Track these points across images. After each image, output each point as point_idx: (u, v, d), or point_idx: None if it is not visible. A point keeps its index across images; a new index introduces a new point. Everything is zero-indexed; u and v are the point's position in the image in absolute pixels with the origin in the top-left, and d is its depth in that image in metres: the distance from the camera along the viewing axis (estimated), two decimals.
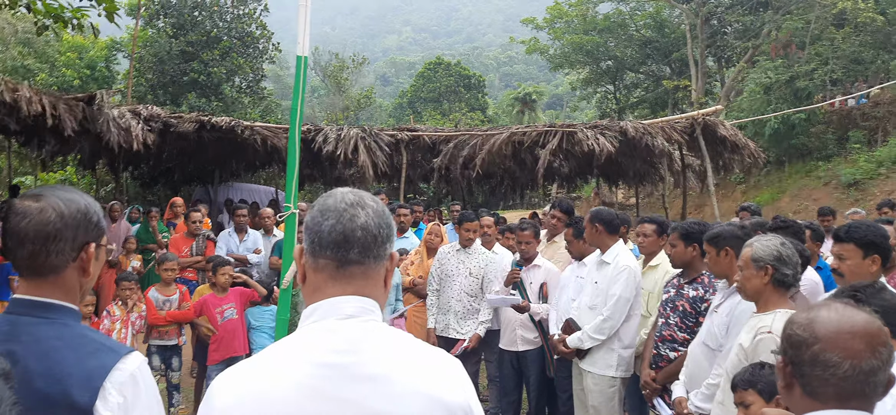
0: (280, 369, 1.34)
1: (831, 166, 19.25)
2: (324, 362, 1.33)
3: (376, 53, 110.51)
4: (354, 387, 1.32)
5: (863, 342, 1.52)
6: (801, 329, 1.61)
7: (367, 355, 1.35)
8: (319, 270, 1.43)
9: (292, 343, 1.39)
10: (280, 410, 1.31)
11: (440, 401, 1.36)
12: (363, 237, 1.41)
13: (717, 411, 3.23)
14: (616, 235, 4.85)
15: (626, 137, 11.25)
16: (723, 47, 30.01)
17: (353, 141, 11.56)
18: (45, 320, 1.56)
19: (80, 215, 1.61)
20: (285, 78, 55.32)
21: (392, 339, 1.41)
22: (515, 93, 54.43)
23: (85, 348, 1.53)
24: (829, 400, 1.54)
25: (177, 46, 21.88)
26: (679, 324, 4.20)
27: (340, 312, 1.39)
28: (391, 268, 1.50)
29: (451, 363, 1.45)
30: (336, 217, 1.41)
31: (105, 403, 1.47)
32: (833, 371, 1.52)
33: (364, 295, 1.42)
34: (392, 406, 1.33)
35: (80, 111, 9.94)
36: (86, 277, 1.65)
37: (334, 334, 1.37)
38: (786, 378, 1.64)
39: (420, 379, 1.37)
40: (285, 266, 3.92)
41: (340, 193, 1.46)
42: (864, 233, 3.17)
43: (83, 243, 1.62)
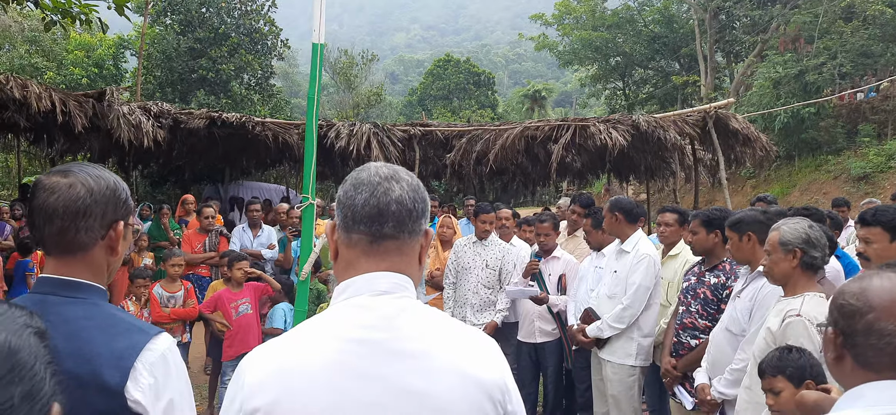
0: (314, 346, 1.31)
1: (841, 160, 19.16)
2: (358, 339, 1.31)
3: (385, 51, 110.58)
4: (389, 363, 1.30)
5: None
6: (854, 298, 1.56)
7: (401, 332, 1.32)
8: (353, 246, 1.39)
9: (326, 320, 1.36)
10: (314, 387, 1.27)
11: (476, 378, 1.33)
12: (398, 211, 1.37)
13: (743, 396, 3.19)
14: (635, 225, 4.83)
15: (638, 131, 11.20)
16: (731, 42, 29.89)
17: (365, 136, 11.53)
18: (73, 299, 1.52)
19: (109, 192, 1.57)
20: (294, 75, 55.41)
21: (427, 316, 1.38)
22: (525, 90, 54.46)
23: (115, 328, 1.50)
24: (884, 370, 1.50)
25: (185, 43, 21.91)
26: (700, 311, 4.18)
27: (374, 288, 1.36)
28: (426, 244, 1.46)
29: (487, 342, 1.42)
30: (370, 191, 1.37)
31: (136, 383, 1.45)
32: (889, 340, 1.48)
33: (398, 271, 1.39)
34: (427, 383, 1.29)
35: (90, 108, 9.94)
36: (114, 255, 1.61)
37: (368, 310, 1.33)
38: (836, 350, 1.59)
39: (455, 356, 1.33)
40: (304, 257, 3.91)
41: (374, 166, 1.42)
42: (892, 216, 3.14)
43: (112, 221, 1.58)
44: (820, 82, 19.90)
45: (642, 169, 14.18)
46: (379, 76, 60.02)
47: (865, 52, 20.06)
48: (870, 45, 19.96)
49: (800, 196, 18.91)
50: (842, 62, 19.72)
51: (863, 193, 16.36)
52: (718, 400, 3.71)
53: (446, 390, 1.30)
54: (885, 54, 19.96)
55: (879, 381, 1.49)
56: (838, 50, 19.99)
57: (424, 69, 57.78)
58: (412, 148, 12.32)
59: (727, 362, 3.66)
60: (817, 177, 19.50)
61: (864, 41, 19.97)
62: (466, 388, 1.31)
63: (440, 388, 1.30)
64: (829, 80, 19.87)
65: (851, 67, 20.09)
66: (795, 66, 20.26)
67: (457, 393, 1.30)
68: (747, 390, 3.13)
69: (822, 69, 19.80)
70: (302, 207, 4.16)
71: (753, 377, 3.00)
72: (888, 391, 1.48)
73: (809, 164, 20.43)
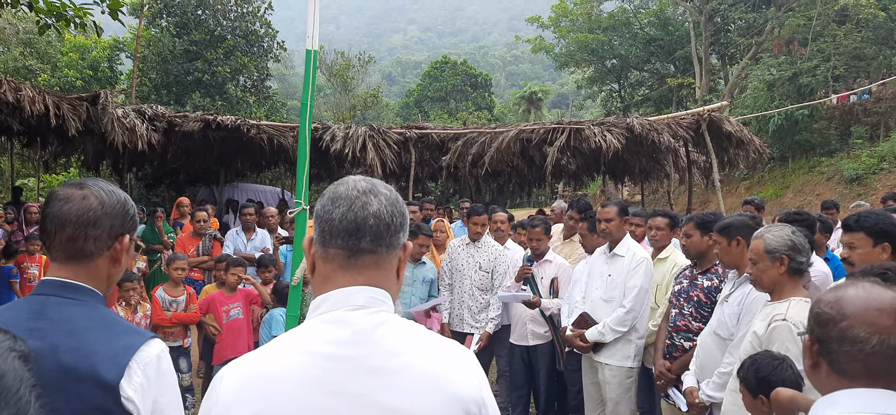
0: (287, 362, 1.30)
1: (834, 162, 19.24)
2: (332, 355, 1.29)
3: (382, 53, 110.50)
4: (364, 380, 1.28)
5: (891, 318, 1.50)
6: (829, 307, 1.60)
7: (377, 347, 1.31)
8: (329, 260, 1.38)
9: (300, 335, 1.34)
10: (287, 403, 1.26)
11: (453, 394, 1.31)
12: (375, 225, 1.36)
13: (729, 399, 3.23)
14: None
15: (632, 133, 11.25)
16: (726, 44, 29.99)
17: (361, 139, 11.55)
18: (75, 300, 1.61)
19: (119, 206, 1.69)
20: (290, 77, 55.35)
21: (403, 330, 1.36)
22: (521, 92, 54.48)
23: (113, 329, 1.59)
24: (857, 377, 1.53)
25: (180, 46, 21.88)
26: (694, 314, 4.22)
27: (350, 302, 1.35)
28: (405, 258, 1.45)
29: (464, 355, 1.40)
30: (347, 205, 1.36)
31: (130, 381, 1.52)
32: (861, 347, 1.51)
33: (376, 285, 1.37)
34: (403, 400, 1.28)
35: (84, 111, 9.92)
36: (116, 266, 1.71)
37: (344, 325, 1.32)
38: (812, 357, 1.63)
39: (432, 371, 1.32)
40: (295, 262, 3.93)
41: (352, 180, 1.41)
42: (875, 221, 3.15)
43: (119, 234, 1.69)
44: (813, 85, 19.98)
45: (637, 171, 14.24)
46: (376, 78, 60.05)
47: (858, 55, 20.15)
48: (863, 47, 20.05)
49: (793, 198, 18.98)
50: (835, 65, 19.81)
51: (855, 194, 16.43)
52: (707, 403, 3.75)
53: (422, 406, 1.29)
54: (877, 57, 20.05)
55: (853, 388, 1.52)
56: (832, 52, 20.08)
57: (421, 71, 57.83)
58: (408, 150, 12.34)
59: (715, 365, 3.69)
60: (810, 178, 19.58)
61: (857, 44, 20.06)
62: (443, 403, 1.30)
63: (416, 404, 1.28)
64: (823, 83, 19.94)
65: (845, 70, 20.18)
66: (789, 68, 20.34)
67: (433, 409, 1.29)
68: (733, 392, 3.16)
69: (815, 72, 19.88)
70: (295, 213, 4.18)
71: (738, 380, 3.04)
72: (861, 399, 1.50)
73: (803, 165, 20.51)
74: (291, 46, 30.70)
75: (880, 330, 1.49)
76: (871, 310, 1.52)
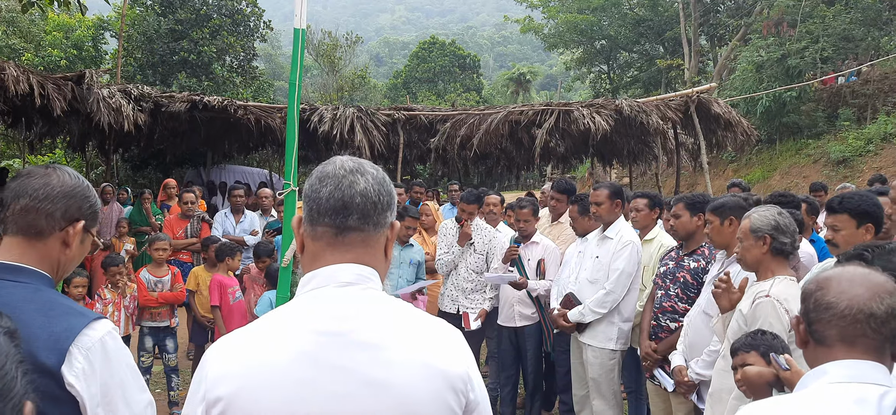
0: (276, 337, 1.32)
1: (821, 144, 19.34)
2: (321, 330, 1.31)
3: (369, 33, 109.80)
4: (352, 355, 1.30)
5: (862, 287, 1.60)
6: (811, 283, 1.71)
7: (365, 323, 1.33)
8: (318, 238, 1.41)
9: (289, 311, 1.37)
10: (276, 377, 1.28)
11: (439, 370, 1.34)
12: (362, 204, 1.39)
13: (718, 377, 3.27)
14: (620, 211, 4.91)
15: (621, 115, 11.26)
16: (715, 26, 30.00)
17: (349, 121, 11.48)
18: (14, 282, 1.57)
19: (79, 192, 1.68)
20: (277, 57, 54.91)
21: (391, 308, 1.39)
22: (510, 73, 54.36)
23: (53, 311, 1.54)
24: (834, 344, 1.62)
25: (165, 25, 21.62)
26: (680, 295, 4.25)
27: (338, 279, 1.37)
28: (392, 237, 1.47)
29: (451, 332, 1.43)
30: (335, 183, 1.39)
31: (70, 367, 1.47)
32: (832, 312, 1.61)
33: (363, 263, 1.40)
34: (390, 374, 1.30)
35: (69, 91, 9.79)
36: (67, 250, 1.68)
37: (332, 301, 1.35)
38: (801, 335, 1.72)
39: (419, 348, 1.35)
40: (285, 244, 3.91)
41: (340, 160, 1.44)
42: (858, 203, 3.18)
43: (73, 218, 1.67)
44: (802, 66, 20.01)
45: (625, 153, 14.27)
46: (363, 58, 59.68)
47: (847, 37, 20.20)
48: (851, 29, 20.10)
49: (780, 180, 19.08)
50: (824, 46, 19.84)
51: (842, 176, 16.54)
52: (695, 382, 3.79)
53: (408, 381, 1.31)
54: (866, 39, 20.10)
55: (844, 359, 1.59)
56: (820, 34, 20.11)
57: (409, 51, 57.46)
58: (396, 132, 12.30)
59: (704, 344, 3.74)
60: (798, 161, 19.67)
61: (845, 25, 20.11)
62: (429, 378, 1.33)
63: (403, 378, 1.31)
64: (811, 65, 19.99)
65: (833, 51, 20.22)
66: (778, 50, 20.36)
67: (419, 383, 1.32)
68: (723, 371, 3.20)
69: (804, 53, 19.91)
70: (284, 194, 4.16)
71: (726, 358, 3.08)
72: (850, 369, 1.58)
73: (790, 147, 20.60)
74: (278, 26, 30.46)
75: (850, 297, 1.59)
76: (843, 280, 1.63)
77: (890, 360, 1.62)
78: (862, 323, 1.57)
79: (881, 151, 17.16)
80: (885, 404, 1.51)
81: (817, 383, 1.61)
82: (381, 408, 1.30)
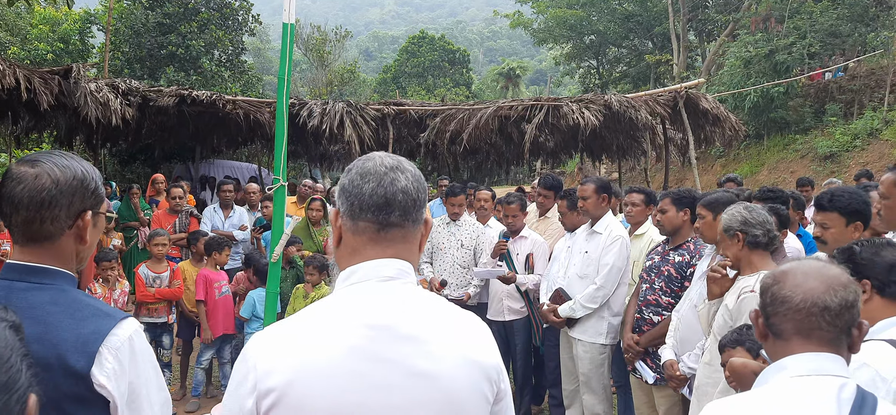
0: (325, 330, 1.37)
1: (808, 139, 19.47)
2: (369, 323, 1.36)
3: (359, 27, 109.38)
4: (398, 347, 1.36)
5: (816, 281, 1.64)
6: (768, 277, 1.75)
7: (408, 317, 1.39)
8: (359, 233, 1.45)
9: (334, 304, 1.41)
10: (328, 369, 1.33)
11: (476, 362, 1.42)
12: (404, 200, 1.44)
13: (703, 371, 3.29)
14: (608, 206, 4.93)
15: (610, 110, 11.28)
16: (704, 21, 30.11)
17: (338, 115, 11.43)
18: (39, 285, 1.54)
19: (76, 183, 1.59)
20: (266, 51, 54.64)
21: (429, 302, 1.45)
22: (499, 68, 54.33)
23: (80, 313, 1.52)
24: (791, 337, 1.65)
25: (153, 18, 21.44)
26: (664, 289, 4.29)
27: (381, 274, 1.42)
28: (426, 232, 1.54)
29: (483, 326, 1.51)
30: (377, 180, 1.43)
31: (101, 368, 1.47)
32: (788, 306, 1.65)
33: (401, 258, 1.45)
34: (434, 366, 1.37)
35: (56, 85, 9.71)
36: (83, 244, 1.64)
37: (377, 295, 1.40)
38: (760, 329, 1.75)
39: (458, 340, 1.42)
40: (274, 240, 3.90)
41: (379, 156, 1.48)
42: (848, 201, 3.20)
43: (80, 211, 1.60)
44: (790, 62, 20.11)
45: (614, 148, 14.29)
46: (353, 53, 59.55)
47: (834, 32, 20.32)
48: (838, 25, 20.22)
49: (768, 175, 19.20)
50: (811, 42, 19.95)
51: (829, 171, 16.66)
52: (688, 375, 3.82)
53: (451, 372, 1.38)
54: (852, 34, 20.23)
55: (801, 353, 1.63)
56: (808, 30, 20.22)
57: (399, 46, 57.33)
58: (386, 127, 12.27)
59: (696, 338, 3.77)
60: (785, 156, 19.80)
61: (832, 21, 20.22)
62: (468, 369, 1.40)
63: (445, 370, 1.38)
64: (799, 60, 20.10)
65: (820, 47, 20.34)
66: (766, 45, 20.45)
67: (461, 375, 1.39)
68: (707, 365, 3.23)
69: (791, 49, 20.02)
70: (273, 189, 4.14)
71: (713, 352, 3.10)
72: (808, 362, 1.61)
73: (778, 143, 20.72)
74: (266, 20, 30.30)
75: (805, 290, 1.63)
76: (798, 274, 1.67)
77: (847, 352, 1.66)
78: (816, 316, 1.61)
79: (868, 147, 17.30)
80: (844, 397, 1.55)
81: (777, 378, 1.64)
82: (426, 398, 1.36)
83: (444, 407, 1.37)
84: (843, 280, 1.65)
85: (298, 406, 1.31)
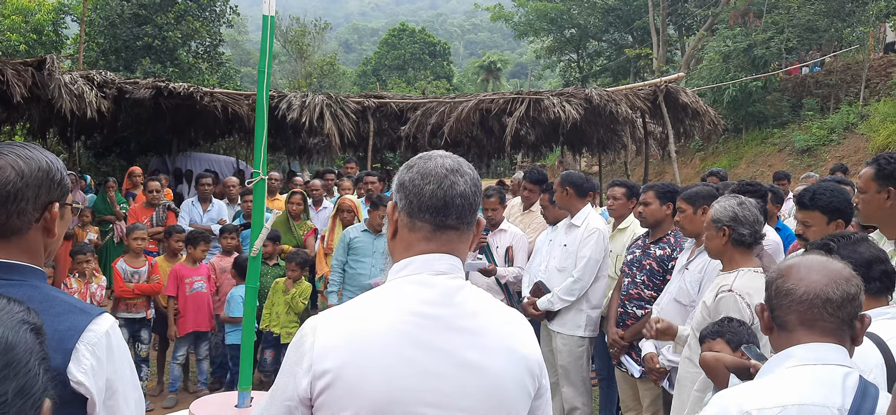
0: (380, 315, 1.42)
1: (786, 133, 19.69)
2: (422, 312, 1.42)
3: (338, 19, 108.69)
4: (450, 337, 1.42)
5: (820, 274, 1.70)
6: (773, 272, 1.81)
7: (459, 310, 1.45)
8: (415, 230, 1.50)
9: (390, 293, 1.47)
10: (381, 353, 1.38)
11: (522, 355, 1.49)
12: (461, 204, 1.49)
13: (683, 366, 3.30)
14: (585, 199, 4.90)
15: (590, 104, 11.32)
16: (683, 16, 30.31)
17: (318, 108, 11.36)
18: (9, 282, 1.48)
19: (41, 174, 1.53)
20: (244, 43, 54.16)
21: (478, 297, 1.51)
22: (480, 61, 54.33)
23: (55, 310, 1.47)
24: (795, 328, 1.71)
25: (129, 9, 21.12)
26: (646, 282, 4.30)
27: (433, 268, 1.47)
28: (478, 232, 1.58)
29: (525, 322, 1.57)
30: (437, 183, 1.47)
31: (78, 365, 1.43)
32: (791, 298, 1.71)
33: (454, 254, 1.51)
34: (483, 357, 1.43)
35: (30, 76, 9.56)
36: (50, 237, 1.58)
37: (429, 287, 1.45)
38: (765, 321, 1.81)
39: (506, 334, 1.49)
40: (254, 234, 3.84)
41: (440, 158, 1.52)
42: (830, 199, 3.21)
43: (46, 203, 1.55)
44: (768, 56, 20.32)
45: (595, 142, 14.36)
46: (332, 45, 59.17)
47: (811, 27, 20.54)
48: (815, 20, 20.43)
49: (746, 168, 19.39)
50: (788, 37, 20.15)
51: (806, 165, 16.87)
52: (667, 368, 3.83)
53: (498, 365, 1.45)
54: (829, 30, 20.46)
55: (809, 343, 1.69)
56: (785, 24, 20.42)
57: (379, 38, 57.14)
58: (366, 120, 12.23)
59: None
60: (763, 149, 20.01)
61: (809, 16, 20.43)
62: (514, 363, 1.47)
63: (493, 362, 1.44)
64: (777, 55, 20.31)
65: (798, 42, 20.56)
66: (744, 40, 20.63)
67: (507, 368, 1.46)
68: (688, 359, 3.23)
69: (769, 44, 20.21)
70: (252, 183, 4.08)
71: (693, 347, 3.11)
72: (814, 351, 1.68)
73: (756, 136, 20.93)
74: (244, 11, 29.94)
75: (808, 283, 1.70)
76: (802, 268, 1.74)
77: (849, 343, 1.72)
78: (819, 308, 1.67)
79: (844, 141, 17.54)
80: (848, 385, 1.62)
81: (783, 367, 1.70)
82: (474, 388, 1.42)
83: (491, 398, 1.43)
84: (845, 274, 1.70)
85: (352, 388, 1.37)
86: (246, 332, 3.69)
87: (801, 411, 1.59)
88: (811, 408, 1.59)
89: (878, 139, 15.91)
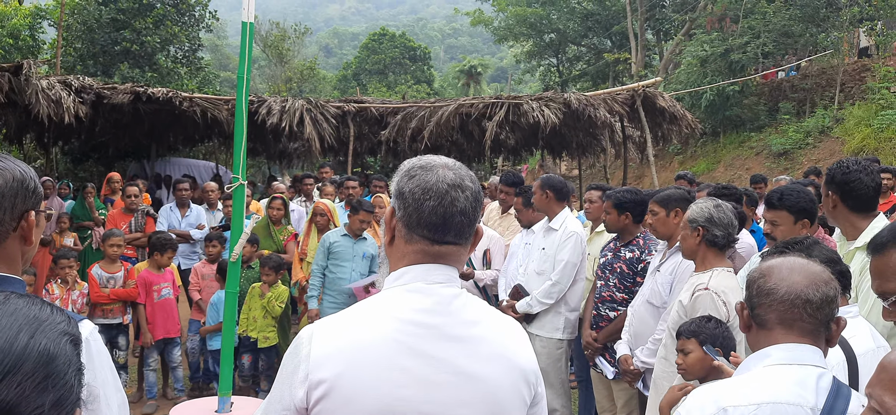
0: (375, 326, 1.42)
1: (763, 136, 19.92)
2: (417, 321, 1.42)
3: (318, 23, 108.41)
4: (445, 346, 1.42)
5: (800, 276, 1.74)
6: (754, 271, 1.85)
7: (455, 318, 1.45)
8: (413, 243, 1.49)
9: (386, 302, 1.47)
10: (378, 362, 1.38)
11: (517, 364, 1.49)
12: (461, 222, 1.48)
13: (659, 366, 3.36)
14: (564, 203, 4.96)
15: (569, 108, 11.40)
16: (661, 20, 30.58)
17: (298, 113, 11.33)
18: None
19: (16, 184, 1.54)
20: (223, 48, 53.83)
21: (475, 306, 1.52)
22: (461, 65, 54.41)
23: None
24: (774, 327, 1.75)
25: (107, 14, 20.94)
26: (617, 285, 4.37)
27: (429, 278, 1.47)
28: (476, 242, 1.58)
29: (520, 331, 1.58)
30: (437, 199, 1.45)
31: None
32: (772, 297, 1.75)
33: (450, 265, 1.51)
34: (478, 366, 1.44)
35: (6, 82, 9.44)
36: (28, 245, 1.60)
37: (425, 295, 1.45)
38: (744, 320, 1.85)
39: (502, 343, 1.49)
40: (234, 239, 3.86)
41: (441, 168, 1.49)
42: (797, 199, 3.30)
43: (22, 212, 1.56)
44: (744, 61, 20.54)
45: (574, 146, 14.46)
46: (312, 49, 58.99)
47: (786, 32, 20.80)
48: (790, 25, 20.70)
49: (724, 172, 19.60)
50: (765, 42, 20.38)
51: (782, 168, 17.08)
52: (641, 369, 3.89)
53: (495, 374, 1.45)
54: (804, 35, 20.74)
55: (783, 343, 1.73)
56: (762, 29, 20.66)
57: (359, 43, 56.96)
58: (346, 124, 12.22)
59: (649, 333, 3.84)
60: (741, 153, 20.23)
61: (785, 22, 20.69)
62: (510, 371, 1.48)
63: (490, 372, 1.45)
64: (753, 59, 20.54)
65: (774, 47, 20.81)
66: (721, 45, 20.85)
67: (503, 376, 1.47)
68: (664, 359, 3.29)
69: (746, 48, 20.43)
70: (232, 188, 4.10)
71: (669, 348, 3.17)
72: (790, 351, 1.72)
73: (733, 140, 21.15)
74: (224, 15, 29.77)
75: (789, 284, 1.73)
76: (783, 269, 1.77)
77: (824, 344, 1.76)
78: (799, 308, 1.71)
79: (819, 144, 17.79)
80: (822, 385, 1.66)
81: (760, 366, 1.74)
82: (470, 398, 1.43)
83: (487, 407, 1.44)
84: (824, 277, 1.76)
85: (348, 398, 1.36)
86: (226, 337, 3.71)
87: (776, 409, 1.63)
88: (785, 407, 1.63)
89: (852, 143, 16.16)
